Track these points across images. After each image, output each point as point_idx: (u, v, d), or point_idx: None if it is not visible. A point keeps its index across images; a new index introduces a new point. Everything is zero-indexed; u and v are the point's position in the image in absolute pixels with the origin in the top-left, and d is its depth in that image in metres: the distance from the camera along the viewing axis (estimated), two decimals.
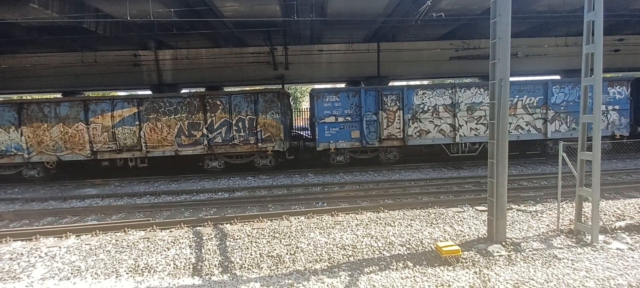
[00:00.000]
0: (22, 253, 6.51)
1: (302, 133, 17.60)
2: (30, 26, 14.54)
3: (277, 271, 5.62)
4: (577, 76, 7.01)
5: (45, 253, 6.48)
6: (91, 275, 5.67)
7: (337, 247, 6.32)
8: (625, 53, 18.70)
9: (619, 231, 6.58)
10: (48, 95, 20.01)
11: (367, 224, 7.32)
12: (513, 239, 6.36)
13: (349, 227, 7.21)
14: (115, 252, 6.44)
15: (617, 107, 13.65)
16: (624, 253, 5.79)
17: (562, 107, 13.43)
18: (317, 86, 18.52)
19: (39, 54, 17.45)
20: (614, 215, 7.31)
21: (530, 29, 17.81)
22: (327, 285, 5.09)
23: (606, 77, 14.73)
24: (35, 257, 6.35)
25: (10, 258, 6.33)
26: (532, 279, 5.06)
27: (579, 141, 6.41)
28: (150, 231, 7.42)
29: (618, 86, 13.68)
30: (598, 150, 5.98)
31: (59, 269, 5.89)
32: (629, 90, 13.70)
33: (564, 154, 6.51)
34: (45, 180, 13.19)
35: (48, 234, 7.37)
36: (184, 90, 19.01)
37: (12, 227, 8.37)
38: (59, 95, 19.48)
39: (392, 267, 5.58)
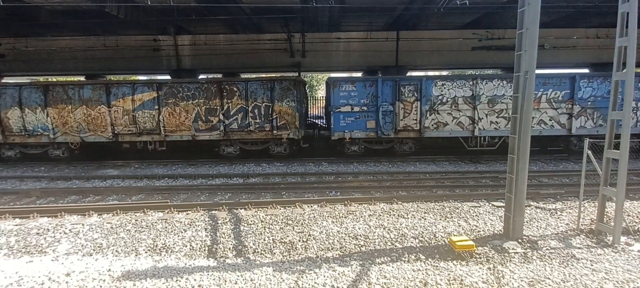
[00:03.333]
0: (48, 229, 6.84)
1: (317, 121, 17.58)
2: (55, 10, 14.93)
3: (289, 257, 5.70)
4: (606, 70, 6.69)
5: (69, 230, 6.79)
6: (112, 252, 5.91)
7: (349, 236, 6.34)
8: None
9: None
10: (72, 78, 20.67)
11: (380, 215, 7.30)
12: (530, 237, 6.22)
13: (361, 217, 7.21)
14: (135, 231, 6.67)
15: None
16: None
17: (590, 103, 12.86)
18: (333, 75, 18.41)
19: (63, 37, 17.95)
20: (637, 217, 7.03)
21: (559, 19, 16.98)
22: (338, 273, 5.13)
23: (638, 72, 13.96)
24: (60, 233, 6.66)
25: (38, 233, 6.67)
26: (548, 278, 4.95)
27: (606, 138, 6.14)
28: (168, 213, 7.65)
29: None
30: (626, 148, 5.72)
31: (82, 245, 6.16)
32: None
33: (589, 152, 6.27)
34: (69, 160, 13.73)
35: (72, 212, 7.70)
36: (201, 76, 19.24)
37: (39, 204, 8.79)
38: (82, 78, 20.12)
39: (403, 258, 5.57)
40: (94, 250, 6.01)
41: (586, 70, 17.84)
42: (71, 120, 13.11)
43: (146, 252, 5.92)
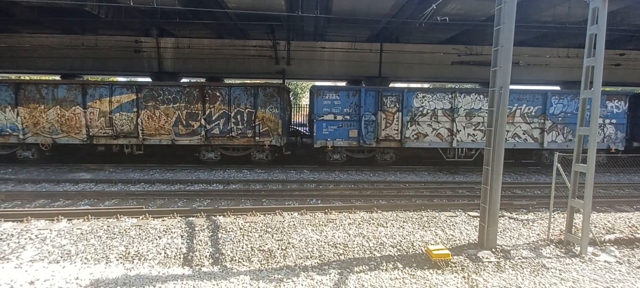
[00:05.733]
0: (12, 234, 6.49)
1: (300, 129, 17.60)
2: (32, 6, 14.41)
3: (268, 265, 5.63)
4: (577, 88, 7.05)
5: (35, 236, 6.47)
6: (81, 260, 5.66)
7: (328, 244, 6.34)
8: (626, 68, 18.78)
9: (608, 244, 6.64)
10: (46, 77, 19.88)
11: (359, 224, 7.34)
12: (503, 246, 6.40)
13: (341, 225, 7.23)
14: (107, 238, 6.43)
15: (614, 121, 13.72)
16: (611, 266, 5.84)
17: (560, 118, 13.49)
18: (317, 83, 18.54)
19: (39, 35, 17.32)
20: (603, 228, 7.37)
21: (533, 38, 17.84)
22: (317, 282, 5.11)
23: (605, 90, 14.80)
24: (25, 239, 6.33)
25: (0, 239, 6.31)
26: (520, 287, 5.10)
27: (574, 153, 6.44)
28: (142, 219, 7.42)
29: (616, 100, 13.74)
30: (592, 162, 6.01)
31: (49, 252, 5.87)
32: (627, 105, 13.77)
33: (559, 165, 6.55)
34: (39, 162, 13.13)
35: (39, 216, 7.35)
36: (183, 80, 18.94)
37: (4, 208, 8.33)
38: (57, 78, 19.38)
39: (382, 267, 5.60)
40: (61, 257, 5.74)
41: (558, 88, 18.77)
42: (43, 121, 12.58)
43: (117, 260, 5.70)
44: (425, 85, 23.12)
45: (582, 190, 6.25)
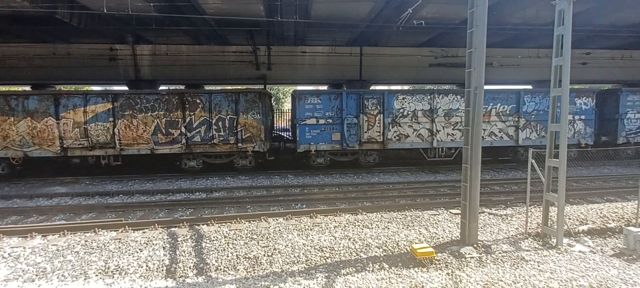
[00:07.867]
0: None
1: (283, 134, 17.54)
2: (0, 14, 13.77)
3: (254, 273, 5.58)
4: (547, 86, 7.37)
5: (8, 254, 6.17)
6: (57, 277, 5.43)
7: (314, 248, 6.34)
8: (593, 66, 19.76)
9: (581, 235, 6.96)
10: (16, 88, 19.04)
11: (345, 226, 7.38)
12: (484, 241, 6.60)
13: (327, 228, 7.25)
14: (85, 253, 6.20)
15: (583, 117, 14.42)
16: (585, 255, 6.12)
17: (533, 116, 14.05)
18: (299, 87, 18.57)
19: (8, 44, 16.55)
20: (577, 220, 7.72)
21: (505, 40, 18.52)
22: (304, 287, 5.10)
23: (574, 88, 15.53)
24: None
25: None
26: (501, 280, 5.26)
27: (547, 148, 6.73)
28: (122, 232, 7.19)
29: (585, 97, 14.45)
30: (564, 157, 6.30)
31: (23, 271, 5.61)
32: (595, 101, 14.51)
33: (533, 161, 6.82)
34: (10, 177, 12.50)
35: (12, 234, 7.01)
36: (162, 87, 18.54)
37: None
38: (27, 88, 18.59)
39: (368, 268, 5.66)
40: (36, 275, 5.49)
41: (530, 87, 19.52)
42: (13, 133, 12.02)
43: (96, 275, 5.51)
44: (405, 87, 23.57)
45: (556, 184, 6.53)
